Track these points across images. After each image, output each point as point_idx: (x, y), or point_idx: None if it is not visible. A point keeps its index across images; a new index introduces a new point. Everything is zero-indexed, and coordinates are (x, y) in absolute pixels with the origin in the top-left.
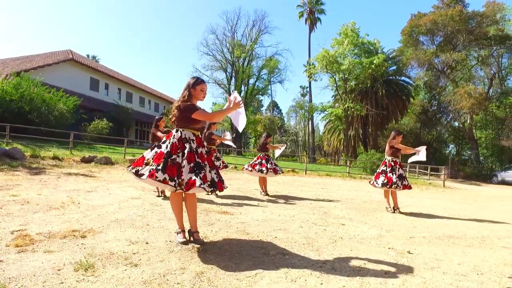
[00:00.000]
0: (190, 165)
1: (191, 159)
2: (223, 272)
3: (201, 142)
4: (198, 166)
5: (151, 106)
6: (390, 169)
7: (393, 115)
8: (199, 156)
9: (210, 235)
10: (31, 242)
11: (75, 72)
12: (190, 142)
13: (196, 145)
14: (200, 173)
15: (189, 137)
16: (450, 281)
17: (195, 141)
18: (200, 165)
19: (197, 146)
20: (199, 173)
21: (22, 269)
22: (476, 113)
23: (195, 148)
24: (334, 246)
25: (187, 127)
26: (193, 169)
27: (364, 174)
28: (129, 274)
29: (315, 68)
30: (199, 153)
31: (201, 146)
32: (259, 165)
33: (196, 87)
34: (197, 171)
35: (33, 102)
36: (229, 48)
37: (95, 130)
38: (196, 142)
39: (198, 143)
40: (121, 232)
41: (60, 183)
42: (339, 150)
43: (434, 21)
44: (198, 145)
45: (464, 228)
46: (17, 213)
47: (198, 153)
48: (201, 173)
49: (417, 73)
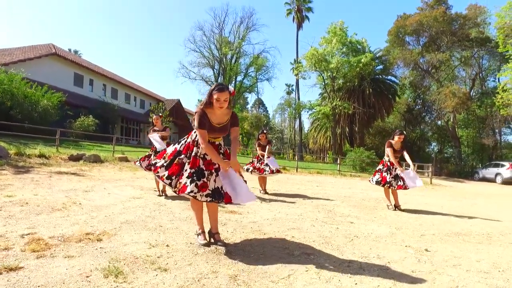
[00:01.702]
0: (191, 170)
1: (195, 164)
2: (255, 274)
3: (216, 149)
4: (198, 173)
5: (137, 103)
6: (386, 169)
7: (379, 114)
8: (206, 163)
9: (228, 235)
10: (47, 246)
11: (58, 67)
12: (199, 146)
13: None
14: (197, 181)
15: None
16: (476, 278)
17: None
18: (201, 173)
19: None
20: (197, 180)
21: (48, 276)
22: (459, 112)
23: (204, 155)
24: (352, 244)
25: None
26: (191, 175)
27: (353, 171)
28: (163, 280)
29: (303, 66)
30: (207, 160)
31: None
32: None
33: (212, 95)
34: (194, 178)
35: (14, 97)
36: (216, 45)
37: (81, 127)
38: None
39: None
40: (137, 235)
41: (53, 183)
42: (325, 147)
43: (420, 22)
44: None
45: (467, 225)
46: (19, 215)
47: (205, 160)
48: (199, 181)
49: (403, 72)
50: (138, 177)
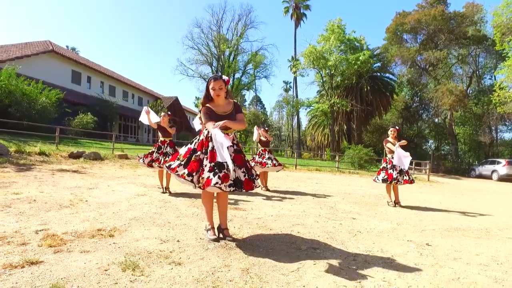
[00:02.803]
0: (211, 164)
1: (213, 158)
2: (266, 267)
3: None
4: (218, 166)
5: (135, 100)
6: (391, 166)
7: (377, 111)
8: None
9: (235, 231)
10: (62, 242)
11: (55, 64)
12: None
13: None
14: (219, 172)
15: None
16: (476, 270)
17: None
18: (221, 165)
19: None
20: (218, 172)
21: (68, 269)
22: (456, 109)
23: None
24: (356, 239)
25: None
26: (212, 168)
27: (352, 169)
28: (178, 273)
29: (302, 64)
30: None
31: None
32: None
33: (208, 86)
34: (216, 170)
35: (12, 94)
36: (214, 42)
37: (80, 124)
38: None
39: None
40: (147, 231)
41: (57, 180)
42: (323, 145)
43: (418, 20)
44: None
45: (466, 221)
46: (30, 212)
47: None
48: (220, 172)
49: (400, 70)
50: (139, 174)
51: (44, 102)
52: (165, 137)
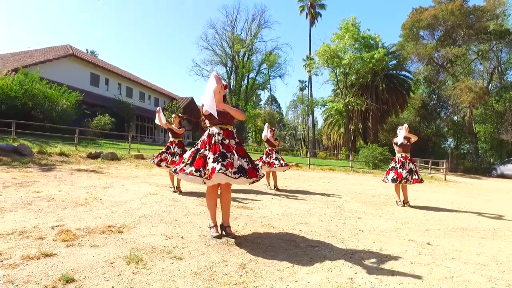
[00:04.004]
0: (215, 155)
1: (216, 150)
2: (262, 263)
3: (230, 135)
4: (221, 155)
5: (151, 101)
6: (400, 165)
7: (393, 110)
8: (225, 147)
9: (238, 229)
10: (75, 237)
11: (75, 67)
12: (216, 135)
13: (223, 137)
14: (223, 161)
15: (215, 132)
16: (472, 270)
17: (222, 134)
18: (224, 155)
19: (224, 138)
20: (222, 161)
21: (78, 262)
22: (476, 107)
23: (221, 140)
24: (357, 238)
25: (212, 124)
26: (216, 159)
27: (366, 168)
28: (178, 267)
29: (316, 63)
30: (226, 144)
31: (230, 138)
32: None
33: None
34: (220, 160)
35: (35, 98)
36: (229, 43)
37: (98, 125)
38: (224, 135)
39: (225, 135)
40: (154, 228)
41: (75, 180)
42: (338, 144)
43: (435, 15)
44: (225, 137)
45: (475, 221)
46: (48, 209)
47: (224, 144)
48: (224, 161)
49: (417, 67)
50: (153, 174)
51: (65, 104)
52: (174, 137)
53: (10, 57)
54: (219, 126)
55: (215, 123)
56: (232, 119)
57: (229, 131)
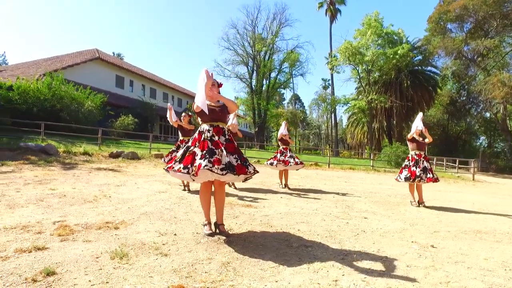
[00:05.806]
0: (202, 152)
1: (204, 147)
2: (247, 262)
3: (220, 131)
4: (209, 152)
5: (175, 101)
6: (414, 163)
7: (419, 107)
8: (214, 144)
9: (235, 227)
10: (71, 232)
11: (101, 70)
12: (205, 132)
13: (212, 133)
14: (210, 158)
15: (205, 129)
16: (474, 275)
17: (212, 131)
18: (212, 151)
19: (213, 135)
20: (209, 158)
21: (66, 255)
22: (510, 102)
23: (210, 137)
24: (356, 239)
25: (203, 121)
26: (204, 156)
27: (388, 167)
28: (160, 263)
29: (338, 60)
30: (215, 141)
31: (220, 135)
32: (273, 158)
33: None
34: (207, 156)
35: (63, 100)
36: (250, 42)
37: (122, 126)
38: (214, 131)
39: (215, 132)
40: (151, 224)
41: (91, 178)
42: (363, 143)
43: (465, 6)
44: (215, 134)
45: (494, 223)
46: (56, 206)
47: (213, 141)
48: (212, 158)
49: (444, 62)
50: None
51: (90, 105)
52: (184, 136)
53: (43, 62)
54: (210, 123)
55: (205, 120)
56: (224, 116)
57: (220, 128)
